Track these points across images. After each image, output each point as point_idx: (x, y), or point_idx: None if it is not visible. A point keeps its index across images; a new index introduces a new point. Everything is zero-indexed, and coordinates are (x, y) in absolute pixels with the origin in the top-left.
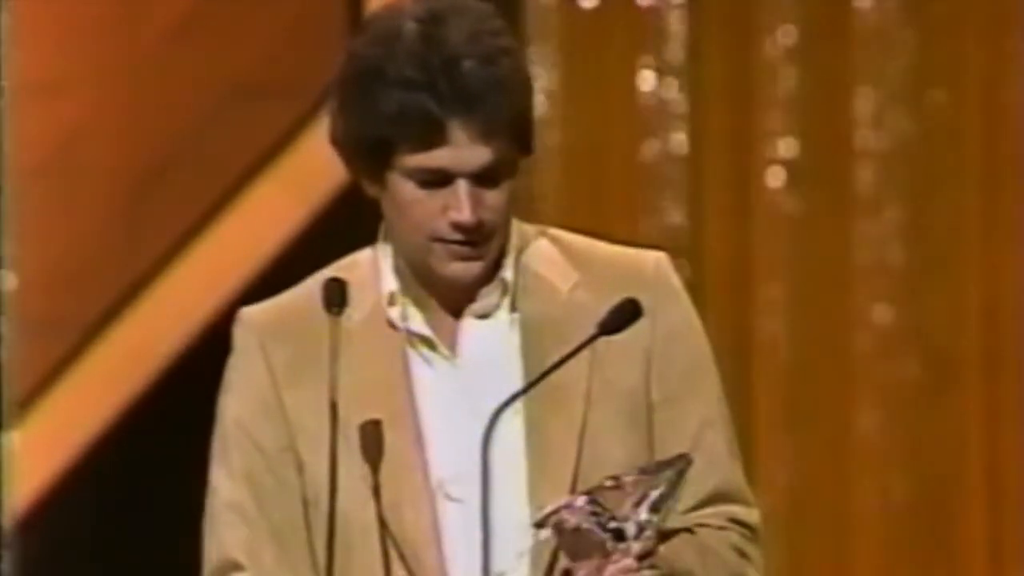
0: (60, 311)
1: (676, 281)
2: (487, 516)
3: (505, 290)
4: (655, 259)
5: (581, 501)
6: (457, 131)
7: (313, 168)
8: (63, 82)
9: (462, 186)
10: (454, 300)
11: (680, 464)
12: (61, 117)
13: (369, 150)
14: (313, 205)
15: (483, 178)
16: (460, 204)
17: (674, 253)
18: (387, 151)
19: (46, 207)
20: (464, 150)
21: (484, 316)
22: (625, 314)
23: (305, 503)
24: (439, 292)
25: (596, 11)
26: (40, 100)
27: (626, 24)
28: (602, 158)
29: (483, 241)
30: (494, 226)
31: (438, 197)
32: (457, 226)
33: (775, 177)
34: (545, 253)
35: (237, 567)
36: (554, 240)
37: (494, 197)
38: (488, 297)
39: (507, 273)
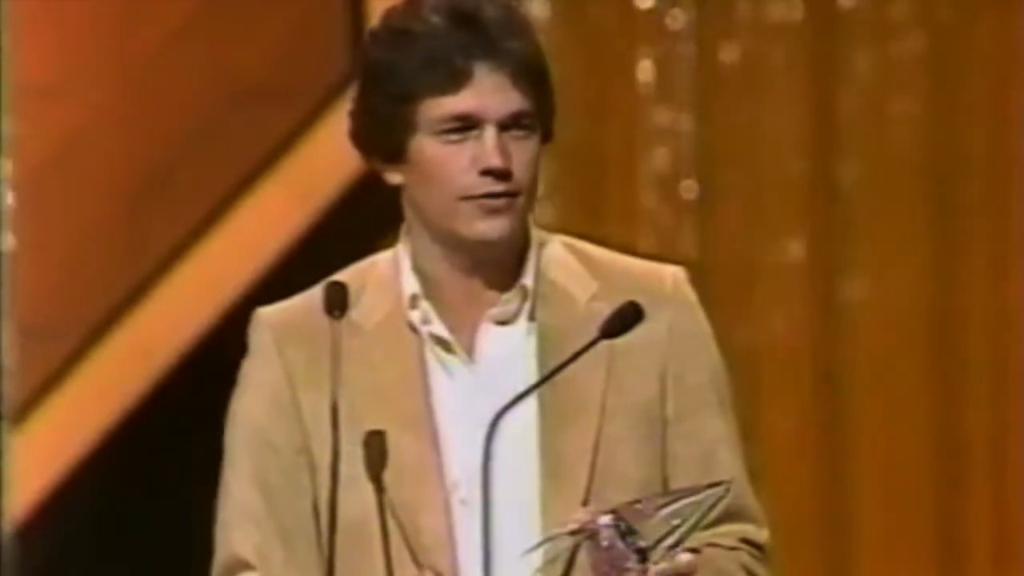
0: (61, 314)
1: (692, 296)
2: (488, 516)
3: (525, 297)
4: (672, 273)
5: (607, 519)
6: (483, 75)
7: (315, 170)
8: (64, 83)
9: (490, 132)
10: (475, 304)
11: (717, 494)
12: (62, 119)
13: (394, 113)
14: (315, 208)
15: (511, 129)
16: (489, 150)
17: None
18: (412, 108)
19: (47, 209)
20: (490, 94)
21: (503, 322)
22: (627, 317)
23: (316, 505)
24: (460, 295)
25: None
26: (41, 102)
27: None
28: None
29: (512, 195)
30: (523, 184)
31: (466, 151)
32: (487, 172)
33: None
34: (563, 261)
35: (247, 567)
36: (571, 248)
37: (523, 153)
38: (508, 303)
39: (527, 280)
